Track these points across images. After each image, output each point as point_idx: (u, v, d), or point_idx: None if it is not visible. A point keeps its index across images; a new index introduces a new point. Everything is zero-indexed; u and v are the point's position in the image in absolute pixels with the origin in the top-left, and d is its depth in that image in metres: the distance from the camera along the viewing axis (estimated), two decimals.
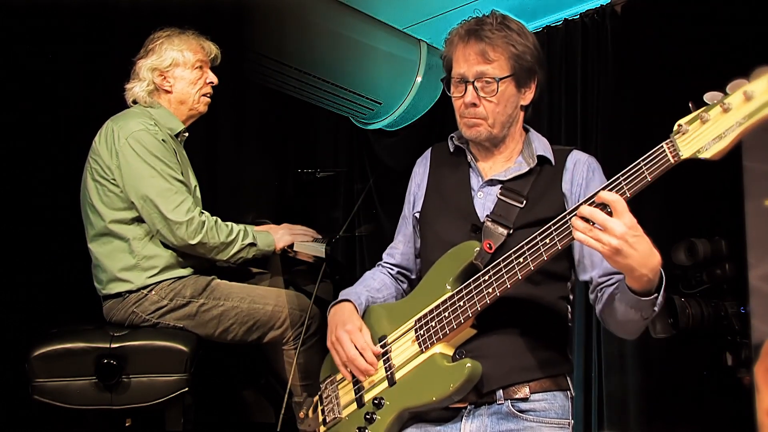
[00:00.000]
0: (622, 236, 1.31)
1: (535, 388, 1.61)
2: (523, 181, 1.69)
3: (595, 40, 3.24)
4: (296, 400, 2.46)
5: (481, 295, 1.52)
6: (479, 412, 1.60)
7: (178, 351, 2.17)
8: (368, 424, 1.63)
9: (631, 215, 1.33)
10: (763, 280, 2.36)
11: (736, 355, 2.53)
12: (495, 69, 1.66)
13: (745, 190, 2.42)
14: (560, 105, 3.34)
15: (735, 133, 1.21)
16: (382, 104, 3.75)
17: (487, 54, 1.66)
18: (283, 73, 3.33)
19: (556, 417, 1.61)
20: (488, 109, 1.69)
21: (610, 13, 3.22)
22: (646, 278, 1.37)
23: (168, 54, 2.38)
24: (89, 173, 2.31)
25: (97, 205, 2.27)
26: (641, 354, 2.95)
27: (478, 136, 1.72)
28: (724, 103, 1.21)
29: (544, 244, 1.44)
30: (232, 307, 2.31)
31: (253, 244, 2.37)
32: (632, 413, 2.95)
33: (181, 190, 2.25)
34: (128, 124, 2.27)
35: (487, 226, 1.63)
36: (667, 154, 1.30)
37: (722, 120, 1.22)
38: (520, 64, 1.68)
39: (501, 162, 1.77)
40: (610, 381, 3.03)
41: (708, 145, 1.24)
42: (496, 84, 1.66)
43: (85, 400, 2.14)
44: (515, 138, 1.78)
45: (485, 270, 1.54)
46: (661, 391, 2.87)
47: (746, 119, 1.19)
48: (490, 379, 1.58)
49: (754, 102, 1.18)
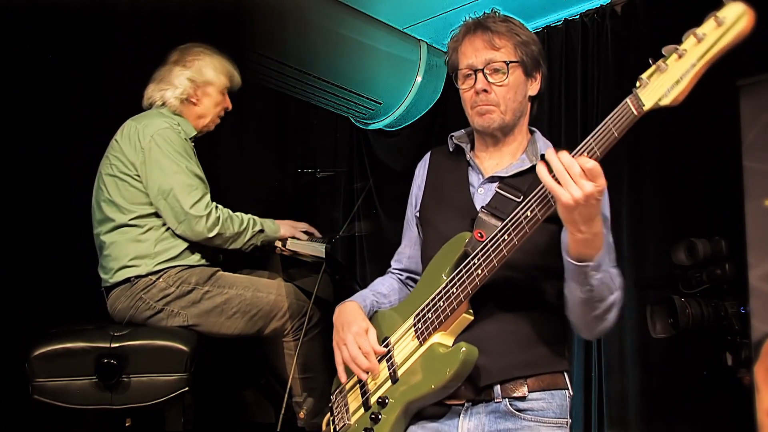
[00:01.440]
0: (588, 196, 1.32)
1: (533, 386, 1.60)
2: (524, 178, 1.69)
3: (595, 40, 3.24)
4: (296, 400, 2.47)
5: (471, 277, 1.53)
6: (477, 410, 1.60)
7: (178, 351, 2.18)
8: (374, 424, 1.63)
9: (605, 181, 1.35)
10: (763, 280, 2.36)
11: (736, 355, 2.53)
12: (503, 55, 1.69)
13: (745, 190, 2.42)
14: (560, 105, 3.34)
15: (690, 75, 1.26)
16: (382, 104, 3.75)
17: (494, 41, 1.69)
18: (283, 73, 3.33)
19: (554, 416, 1.61)
20: (500, 95, 1.70)
21: (610, 13, 3.22)
22: (584, 238, 1.39)
23: (207, 72, 2.52)
24: (107, 170, 2.38)
25: (117, 200, 2.35)
26: (641, 354, 2.95)
27: (491, 124, 1.72)
28: (678, 49, 1.26)
29: (525, 216, 1.45)
30: (236, 294, 2.38)
31: (262, 230, 2.49)
32: (632, 413, 2.95)
33: (200, 187, 2.36)
34: (153, 122, 2.37)
35: (481, 217, 1.64)
36: (630, 107, 1.33)
37: (678, 65, 1.27)
38: (526, 52, 1.71)
39: (507, 157, 1.77)
40: (610, 381, 3.03)
41: (667, 91, 1.28)
42: (506, 67, 1.68)
43: (85, 399, 2.14)
44: (523, 131, 1.79)
45: (474, 254, 1.55)
46: (661, 391, 2.87)
47: (699, 60, 1.24)
48: (488, 373, 1.58)
49: (704, 42, 1.24)
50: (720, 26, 1.22)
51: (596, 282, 1.44)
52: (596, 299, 1.47)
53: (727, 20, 1.21)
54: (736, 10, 1.21)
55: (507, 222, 1.49)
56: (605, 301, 1.49)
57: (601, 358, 3.07)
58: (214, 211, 2.34)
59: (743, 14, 1.20)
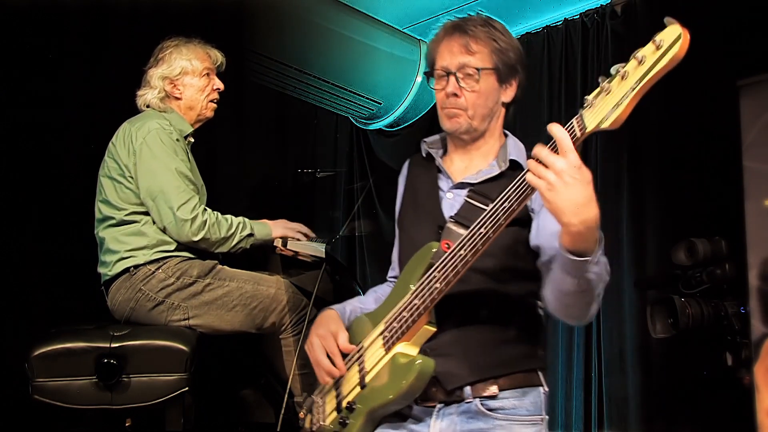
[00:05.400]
0: (560, 173, 1.28)
1: (504, 385, 1.59)
2: (494, 185, 1.66)
3: (595, 40, 3.25)
4: (296, 400, 2.47)
5: (431, 290, 1.52)
6: (449, 410, 1.59)
7: (178, 350, 2.18)
8: (342, 428, 1.65)
9: (577, 156, 1.30)
10: (763, 280, 2.36)
11: (736, 355, 2.53)
12: (477, 60, 1.67)
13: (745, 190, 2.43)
14: (560, 105, 3.34)
15: (629, 99, 1.23)
16: (382, 104, 3.76)
17: (470, 46, 1.67)
18: (283, 73, 3.34)
19: (527, 414, 1.60)
20: (469, 101, 1.69)
21: (610, 13, 3.23)
22: (576, 229, 1.31)
23: (177, 63, 2.49)
24: (105, 172, 2.40)
25: (114, 200, 2.36)
26: (641, 354, 2.96)
27: (458, 128, 1.71)
28: (621, 71, 1.25)
29: (480, 234, 1.44)
30: (237, 287, 2.38)
31: (251, 234, 2.46)
32: (632, 413, 2.95)
33: (189, 189, 2.34)
34: (145, 124, 2.37)
35: (448, 226, 1.63)
36: (575, 129, 1.31)
37: (620, 88, 1.25)
38: (502, 59, 1.69)
39: (477, 161, 1.76)
40: (610, 381, 3.03)
41: (608, 114, 1.26)
42: (478, 74, 1.67)
43: (85, 399, 2.14)
44: (494, 135, 1.77)
45: (435, 266, 1.54)
46: (661, 391, 2.88)
47: (638, 83, 1.22)
48: (456, 377, 1.57)
49: (644, 65, 1.22)
50: (658, 49, 1.20)
51: (593, 276, 1.40)
52: (591, 290, 1.44)
53: (664, 43, 1.20)
54: (673, 33, 1.19)
55: (464, 238, 1.48)
56: (598, 289, 1.45)
57: (601, 358, 3.07)
58: (201, 214, 2.33)
59: (679, 38, 1.18)
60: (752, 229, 2.39)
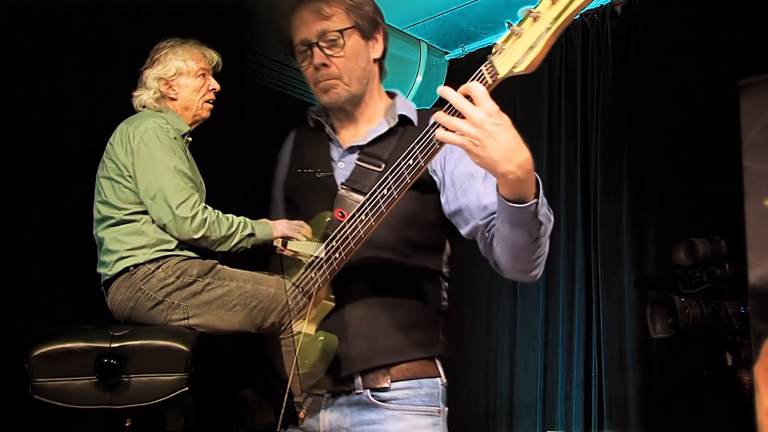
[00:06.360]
0: (481, 123, 1.18)
1: (397, 375, 1.53)
2: (384, 144, 1.59)
3: (595, 40, 3.25)
4: (296, 400, 2.47)
5: (330, 261, 1.47)
6: (339, 401, 1.56)
7: (178, 350, 2.17)
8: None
9: (493, 102, 1.20)
10: (763, 280, 2.36)
11: (736, 355, 2.54)
12: (335, 23, 1.59)
13: (745, 190, 2.43)
14: (560, 105, 3.34)
15: (545, 40, 1.15)
16: None
17: (323, 10, 1.59)
18: (283, 73, 3.33)
19: (422, 404, 1.53)
20: (340, 67, 1.61)
21: (610, 13, 3.23)
22: (514, 176, 1.21)
23: (172, 64, 2.49)
24: (103, 172, 2.40)
25: (113, 201, 2.36)
26: (641, 354, 2.96)
27: (338, 99, 1.63)
28: (532, 12, 1.17)
29: (382, 195, 1.36)
30: (237, 287, 2.38)
31: (252, 234, 2.45)
32: (632, 413, 2.96)
33: (188, 186, 2.34)
34: (142, 123, 2.38)
35: (341, 194, 1.57)
36: (485, 76, 1.21)
37: (533, 29, 1.17)
38: (360, 15, 1.62)
39: (364, 125, 1.68)
40: (610, 381, 3.03)
41: (522, 58, 1.18)
42: (341, 37, 1.59)
43: (85, 399, 2.14)
44: (374, 96, 1.70)
45: (333, 236, 1.48)
46: (661, 391, 2.88)
47: (553, 23, 1.15)
48: (348, 362, 1.51)
49: (558, 4, 1.14)
50: None
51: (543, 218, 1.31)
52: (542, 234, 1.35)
53: None
54: None
55: (364, 201, 1.41)
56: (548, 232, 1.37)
57: (601, 358, 3.07)
58: (201, 212, 2.32)
59: None
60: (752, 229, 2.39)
